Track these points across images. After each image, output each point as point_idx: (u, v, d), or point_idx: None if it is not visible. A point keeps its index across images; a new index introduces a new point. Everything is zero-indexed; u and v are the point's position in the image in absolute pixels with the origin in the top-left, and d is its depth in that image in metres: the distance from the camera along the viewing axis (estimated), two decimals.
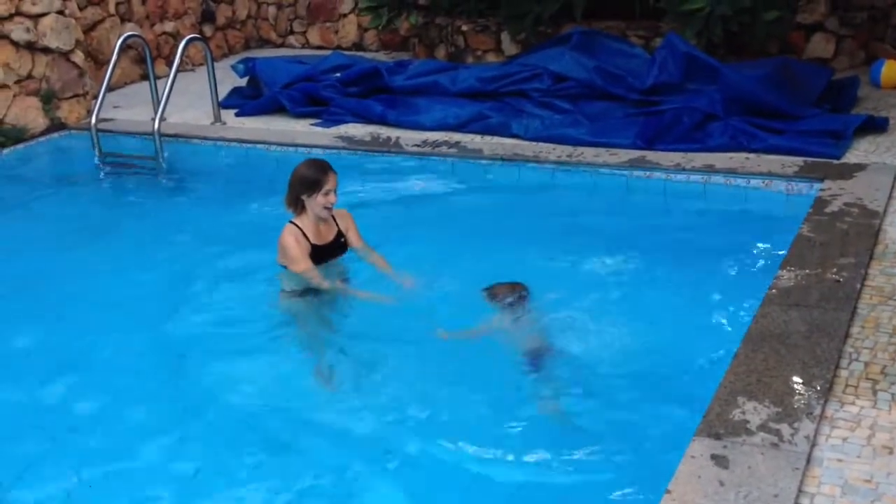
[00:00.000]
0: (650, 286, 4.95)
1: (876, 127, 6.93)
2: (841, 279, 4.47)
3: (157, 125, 7.49)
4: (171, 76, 7.67)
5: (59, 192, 7.16)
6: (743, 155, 6.55)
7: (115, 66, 7.93)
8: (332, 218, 4.89)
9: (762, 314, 4.14)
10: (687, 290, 4.91)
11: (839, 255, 4.76)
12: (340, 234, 4.95)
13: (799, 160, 6.32)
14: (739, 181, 6.18)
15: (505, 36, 9.39)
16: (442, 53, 9.80)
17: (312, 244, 4.79)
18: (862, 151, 6.52)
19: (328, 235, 4.89)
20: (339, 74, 8.59)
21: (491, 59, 9.41)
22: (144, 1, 10.11)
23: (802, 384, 3.56)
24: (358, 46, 11.41)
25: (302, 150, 7.39)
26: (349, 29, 11.51)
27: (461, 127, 7.58)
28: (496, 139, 7.32)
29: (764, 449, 3.18)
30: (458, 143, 7.23)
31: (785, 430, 3.28)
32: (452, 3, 9.63)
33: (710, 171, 6.29)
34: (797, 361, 3.73)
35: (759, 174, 6.17)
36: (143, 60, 9.20)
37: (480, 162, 6.87)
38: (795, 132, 6.79)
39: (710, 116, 7.09)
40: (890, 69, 8.00)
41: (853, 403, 3.49)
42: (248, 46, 11.86)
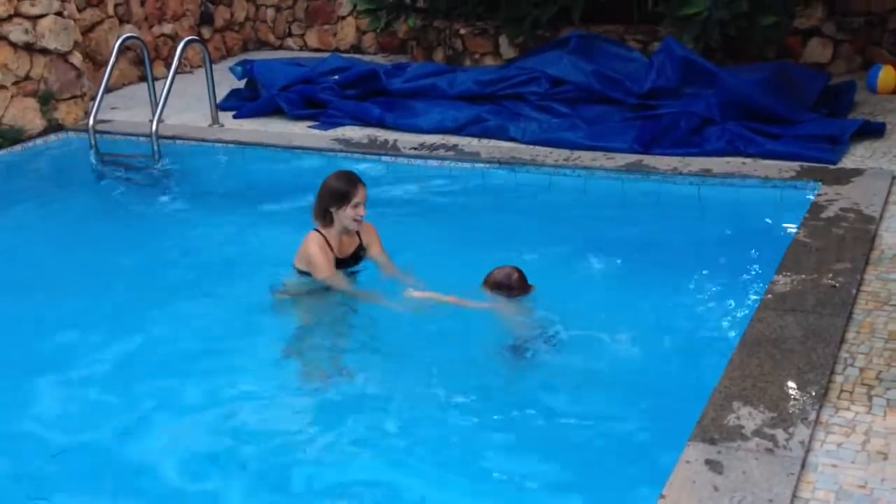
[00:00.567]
0: (645, 290, 4.95)
1: (872, 132, 6.94)
2: (837, 284, 4.47)
3: (154, 127, 7.49)
4: (169, 78, 7.67)
5: (56, 193, 7.16)
6: (740, 159, 6.56)
7: (113, 67, 7.93)
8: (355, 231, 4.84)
9: (758, 319, 4.15)
10: (682, 294, 4.92)
11: (835, 260, 4.77)
12: (361, 247, 4.90)
13: (795, 165, 6.33)
14: (736, 186, 6.18)
15: (503, 39, 9.40)
16: (440, 56, 9.80)
17: (334, 255, 4.76)
18: (858, 156, 6.53)
19: (349, 248, 4.85)
20: (336, 77, 8.60)
21: (489, 62, 9.42)
22: (143, 2, 10.11)
23: (797, 389, 3.57)
24: (356, 49, 11.40)
25: (299, 152, 7.41)
26: (347, 31, 11.51)
27: (459, 130, 7.59)
28: (493, 142, 7.33)
29: (758, 454, 3.18)
30: (455, 146, 7.24)
31: (780, 435, 3.29)
32: (451, 6, 9.63)
33: (706, 175, 6.30)
34: (792, 367, 3.73)
35: (755, 179, 6.18)
36: (141, 62, 9.21)
37: (477, 165, 6.88)
38: (792, 137, 6.80)
39: (707, 121, 7.10)
40: (887, 74, 8.01)
41: (848, 409, 3.50)
42: (246, 48, 11.86)
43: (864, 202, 5.57)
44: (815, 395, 3.54)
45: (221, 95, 8.67)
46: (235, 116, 8.40)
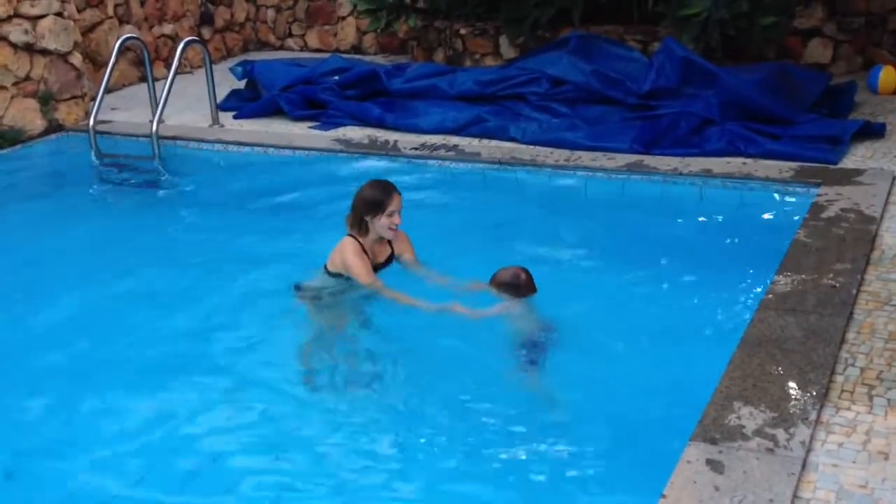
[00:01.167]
0: (646, 291, 4.96)
1: (873, 132, 6.94)
2: (837, 284, 4.48)
3: (155, 127, 7.49)
4: (169, 78, 7.67)
5: (56, 193, 7.17)
6: (740, 160, 6.56)
7: (113, 67, 7.93)
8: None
9: (758, 319, 4.15)
10: (683, 294, 4.92)
11: (836, 260, 4.77)
12: (393, 255, 4.87)
13: (796, 165, 6.33)
14: (736, 186, 6.18)
15: (503, 39, 9.39)
16: (440, 57, 9.80)
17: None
18: (859, 157, 6.53)
19: (382, 256, 4.83)
20: (337, 77, 8.60)
21: (489, 62, 9.42)
22: (143, 3, 10.11)
23: (798, 389, 3.57)
24: (356, 49, 11.41)
25: (300, 152, 7.41)
26: (348, 32, 11.51)
27: (459, 130, 7.58)
28: (494, 142, 7.33)
29: (759, 454, 3.18)
30: (455, 146, 7.24)
31: (780, 435, 3.29)
32: (451, 6, 9.63)
33: (707, 175, 6.29)
34: (793, 367, 3.73)
35: (755, 179, 6.17)
36: (141, 62, 9.21)
37: (478, 165, 6.87)
38: (792, 137, 6.80)
39: (707, 121, 7.11)
40: (887, 74, 8.01)
41: (849, 409, 3.50)
42: (246, 49, 11.86)
43: (864, 202, 5.57)
44: (815, 394, 3.54)
45: (222, 96, 8.68)
46: (236, 117, 8.40)
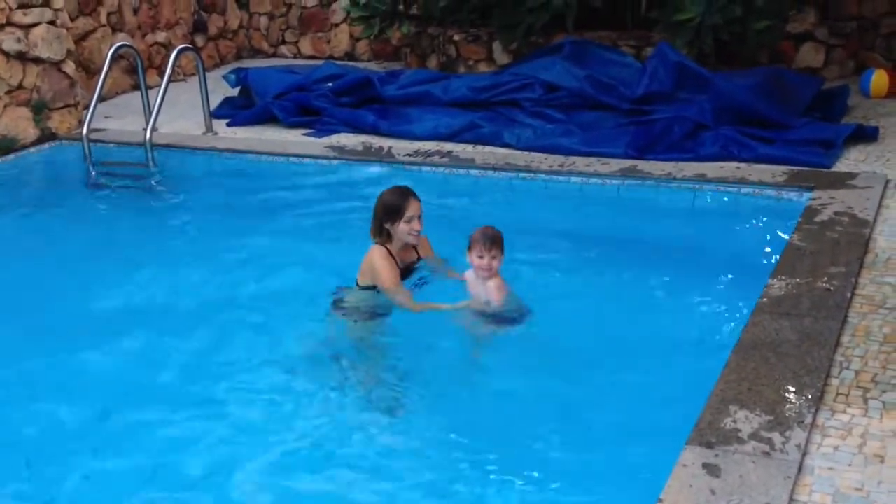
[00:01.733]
0: (641, 295, 4.95)
1: (866, 136, 6.96)
2: (831, 288, 4.48)
3: (148, 135, 7.49)
4: (162, 86, 7.67)
5: (49, 202, 7.14)
6: (734, 164, 6.57)
7: (106, 76, 7.93)
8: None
9: (753, 323, 4.15)
10: (678, 298, 4.92)
11: (830, 264, 4.77)
12: (418, 260, 4.86)
13: (789, 169, 6.35)
14: (730, 190, 6.19)
15: (497, 46, 9.40)
16: (434, 63, 9.81)
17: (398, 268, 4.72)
18: (852, 160, 6.55)
19: (409, 260, 4.81)
20: (330, 84, 8.61)
21: (483, 68, 9.43)
22: (136, 11, 10.11)
23: (793, 393, 3.57)
24: (350, 56, 11.42)
25: (294, 159, 7.40)
26: (341, 39, 11.52)
27: (453, 136, 7.59)
28: (488, 149, 7.34)
29: (755, 457, 3.18)
30: (449, 152, 7.24)
31: (776, 438, 3.28)
32: (444, 12, 9.64)
33: (701, 180, 6.30)
34: (788, 370, 3.73)
35: (749, 183, 6.18)
36: (134, 70, 9.21)
37: (472, 171, 6.88)
38: (786, 141, 6.82)
39: (701, 126, 7.12)
40: (879, 78, 8.04)
41: (844, 412, 3.50)
42: (239, 56, 11.87)
43: (857, 206, 5.58)
44: (811, 398, 3.54)
45: (215, 103, 8.67)
46: (229, 124, 8.40)
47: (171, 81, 7.82)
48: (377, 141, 7.67)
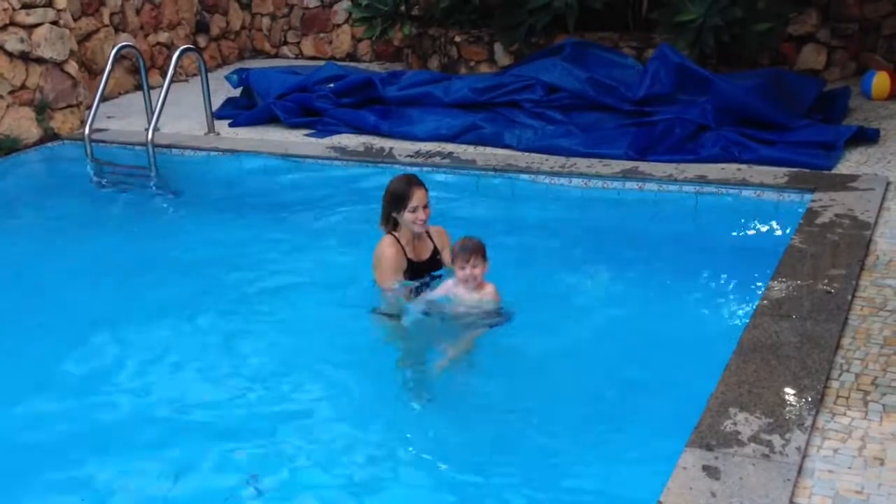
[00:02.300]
0: (641, 296, 4.96)
1: (867, 138, 6.97)
2: (832, 290, 4.48)
3: (150, 135, 7.50)
4: (164, 86, 7.68)
5: (51, 202, 7.16)
6: (735, 166, 6.57)
7: (108, 76, 7.95)
8: (427, 235, 4.77)
9: (753, 325, 4.16)
10: (678, 300, 4.93)
11: (830, 266, 4.78)
12: (436, 251, 4.84)
13: (790, 171, 6.35)
14: (731, 192, 6.19)
15: (498, 47, 9.41)
16: (435, 64, 9.82)
17: (409, 259, 4.69)
18: (853, 162, 6.55)
19: (424, 253, 4.78)
20: (332, 85, 8.61)
21: (484, 69, 9.44)
22: (139, 11, 10.13)
23: (794, 395, 3.58)
24: (352, 57, 11.43)
25: (295, 160, 7.41)
26: (343, 39, 11.53)
27: (454, 137, 7.60)
28: (489, 150, 7.34)
29: (755, 460, 3.19)
30: (451, 153, 7.25)
31: (776, 441, 3.29)
32: (446, 13, 9.65)
33: (702, 181, 6.31)
34: (788, 372, 3.74)
35: (750, 185, 6.18)
36: (137, 71, 9.24)
37: (473, 172, 6.88)
38: (787, 143, 6.82)
39: (702, 127, 7.12)
40: (881, 80, 8.04)
41: (844, 414, 3.51)
42: (241, 57, 11.88)
43: (858, 208, 5.59)
44: (811, 400, 3.54)
45: (217, 104, 8.69)
46: (231, 125, 8.41)
47: (173, 82, 7.83)
48: (378, 142, 7.68)
